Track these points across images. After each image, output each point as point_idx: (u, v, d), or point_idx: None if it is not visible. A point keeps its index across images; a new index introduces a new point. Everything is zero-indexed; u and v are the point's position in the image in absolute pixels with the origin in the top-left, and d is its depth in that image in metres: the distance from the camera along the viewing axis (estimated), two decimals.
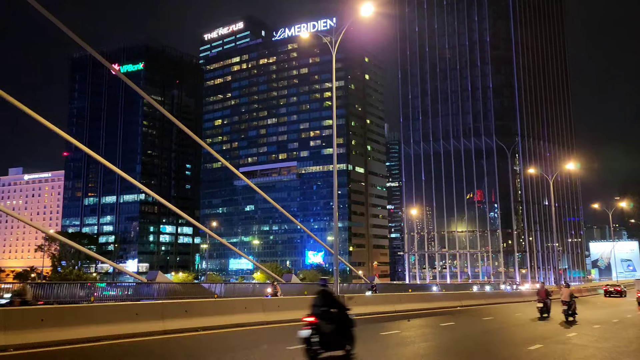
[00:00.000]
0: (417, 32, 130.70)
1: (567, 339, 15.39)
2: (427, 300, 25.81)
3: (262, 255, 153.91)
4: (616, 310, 31.12)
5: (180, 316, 13.18)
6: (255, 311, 15.55)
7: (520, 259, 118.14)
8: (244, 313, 15.06)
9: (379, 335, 14.62)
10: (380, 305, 21.98)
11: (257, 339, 13.12)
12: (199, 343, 11.97)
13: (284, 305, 16.97)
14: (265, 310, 15.91)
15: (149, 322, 12.20)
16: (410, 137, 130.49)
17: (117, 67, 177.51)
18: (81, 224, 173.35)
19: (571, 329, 18.54)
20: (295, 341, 12.28)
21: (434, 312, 23.44)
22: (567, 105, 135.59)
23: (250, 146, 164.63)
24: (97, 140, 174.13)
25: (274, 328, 15.09)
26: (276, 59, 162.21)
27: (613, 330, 18.79)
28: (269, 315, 15.86)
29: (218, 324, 14.01)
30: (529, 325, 19.71)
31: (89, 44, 23.23)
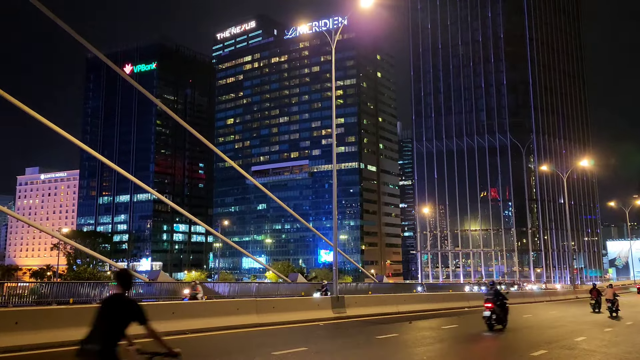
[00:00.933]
0: (430, 28, 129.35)
1: (575, 343, 14.66)
2: (433, 300, 25.15)
3: (275, 254, 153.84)
4: (635, 312, 30.11)
5: (167, 318, 12.75)
6: (248, 313, 15.05)
7: (535, 258, 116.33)
8: (235, 315, 14.56)
9: (374, 339, 14.04)
10: (382, 306, 21.38)
11: (245, 343, 12.62)
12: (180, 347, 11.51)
13: (280, 306, 16.46)
14: (259, 311, 15.40)
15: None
16: (423, 134, 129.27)
17: (130, 66, 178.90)
18: (96, 222, 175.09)
19: (580, 332, 17.75)
20: (283, 346, 11.77)
21: (439, 314, 22.77)
22: (583, 101, 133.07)
23: (262, 145, 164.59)
24: (111, 139, 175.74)
25: (266, 331, 14.59)
26: (288, 58, 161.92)
27: (625, 333, 17.97)
28: (263, 317, 15.35)
29: (208, 327, 13.55)
30: (536, 328, 18.96)
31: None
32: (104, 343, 5.07)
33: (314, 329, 15.69)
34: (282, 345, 11.79)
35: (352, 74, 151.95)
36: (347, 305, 19.11)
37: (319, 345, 12.60)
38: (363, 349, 12.36)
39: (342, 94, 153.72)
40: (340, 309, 18.66)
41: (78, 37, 24.49)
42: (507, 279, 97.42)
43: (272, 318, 15.65)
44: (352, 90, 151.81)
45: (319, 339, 13.72)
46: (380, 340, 13.64)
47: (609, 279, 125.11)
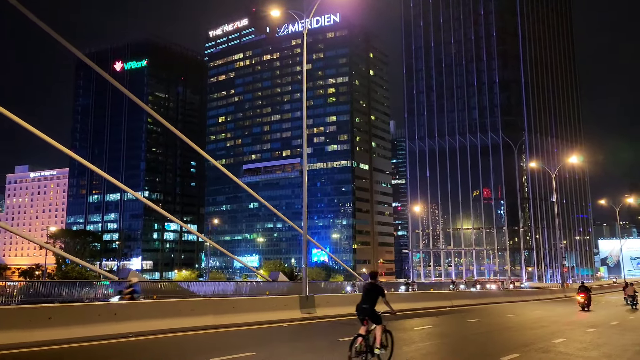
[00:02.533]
0: (422, 26, 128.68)
1: (552, 345, 13.75)
2: (414, 299, 24.19)
3: (267, 253, 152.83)
4: (622, 310, 29.33)
5: (107, 320, 11.74)
6: (204, 314, 14.02)
7: (527, 257, 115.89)
8: (189, 316, 13.54)
9: (336, 341, 13.08)
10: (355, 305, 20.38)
11: (187, 347, 11.57)
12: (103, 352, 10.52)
13: (242, 306, 15.44)
14: (217, 312, 14.37)
15: (65, 328, 10.78)
16: (416, 133, 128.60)
17: (121, 63, 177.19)
18: (85, 221, 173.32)
19: (561, 333, 16.86)
20: (229, 351, 10.78)
21: (418, 313, 21.83)
22: (575, 100, 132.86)
23: (254, 143, 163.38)
24: (101, 136, 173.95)
25: (220, 333, 13.58)
26: (280, 55, 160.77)
27: (608, 334, 17.10)
28: (220, 319, 14.32)
29: (155, 329, 12.53)
30: (515, 329, 18.06)
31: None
32: (370, 304, 10.37)
33: (274, 331, 14.73)
34: (228, 350, 10.83)
35: (344, 71, 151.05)
36: (318, 304, 18.13)
37: (271, 349, 11.65)
38: (317, 353, 11.41)
39: (334, 92, 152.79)
40: (310, 309, 17.68)
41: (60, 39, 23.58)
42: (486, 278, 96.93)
43: (232, 319, 14.64)
44: (344, 88, 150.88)
45: (275, 342, 12.76)
46: (341, 343, 12.66)
47: (600, 278, 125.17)
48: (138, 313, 12.58)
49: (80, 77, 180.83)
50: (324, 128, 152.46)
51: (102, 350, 10.84)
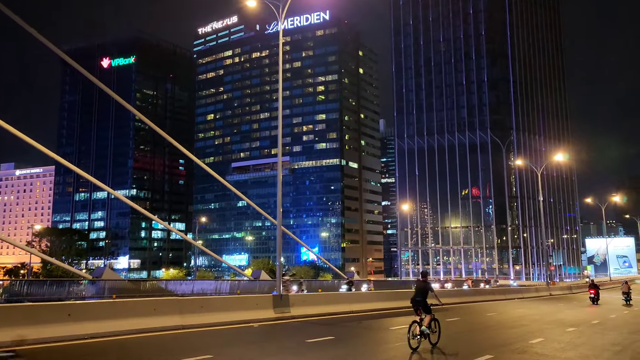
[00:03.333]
0: (412, 24, 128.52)
1: (529, 346, 13.34)
2: (394, 298, 23.72)
3: (255, 252, 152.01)
4: (605, 309, 29.13)
5: (60, 321, 11.12)
6: (169, 314, 13.42)
7: (515, 255, 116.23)
8: (152, 316, 12.94)
9: (305, 342, 12.57)
10: (334, 305, 19.89)
11: (136, 350, 10.97)
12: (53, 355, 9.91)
13: (211, 306, 14.84)
14: (183, 312, 13.77)
15: (11, 329, 10.13)
16: (405, 131, 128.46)
17: (108, 60, 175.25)
18: (72, 219, 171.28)
19: (540, 332, 16.49)
20: (186, 353, 10.21)
21: (397, 312, 21.38)
22: (563, 99, 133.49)
23: (242, 141, 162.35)
24: (88, 133, 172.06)
25: (184, 334, 12.98)
26: (269, 53, 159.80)
27: (588, 334, 16.74)
28: (187, 319, 13.73)
29: (113, 330, 11.91)
30: (495, 329, 17.66)
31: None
32: (422, 297, 12.79)
33: (243, 332, 14.17)
34: (186, 352, 10.28)
35: (333, 69, 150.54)
36: (293, 304, 17.60)
37: (232, 351, 11.10)
38: (281, 355, 10.87)
39: (323, 90, 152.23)
40: (284, 308, 17.14)
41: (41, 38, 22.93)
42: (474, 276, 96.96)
43: (199, 319, 14.05)
44: (333, 86, 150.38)
45: (239, 344, 12.20)
46: (309, 345, 12.17)
47: (587, 276, 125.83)
48: (95, 313, 11.97)
49: (67, 73, 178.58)
50: (313, 126, 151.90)
51: (53, 352, 10.23)
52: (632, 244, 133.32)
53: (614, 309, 29.13)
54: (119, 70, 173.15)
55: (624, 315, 24.81)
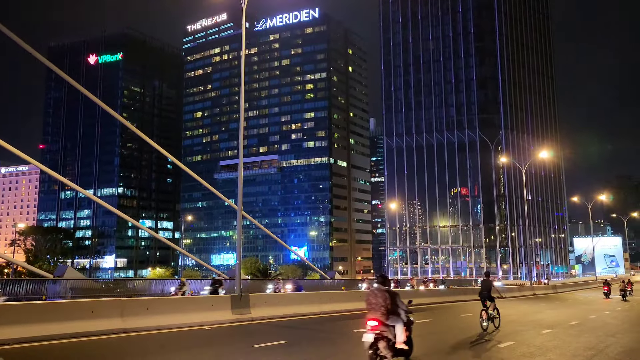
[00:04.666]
0: (401, 22, 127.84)
1: (497, 350, 12.50)
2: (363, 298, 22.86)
3: (244, 251, 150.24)
4: (586, 309, 28.48)
5: None
6: (109, 316, 12.42)
7: (503, 255, 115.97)
8: (89, 319, 11.92)
9: (252, 347, 11.63)
10: (302, 305, 18.95)
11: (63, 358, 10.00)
12: None
13: (158, 307, 13.81)
14: (125, 314, 12.78)
15: None
16: (393, 130, 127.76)
17: (95, 57, 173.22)
18: (57, 218, 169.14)
19: (514, 335, 15.68)
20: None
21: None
22: (552, 98, 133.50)
23: (231, 139, 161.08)
24: (74, 131, 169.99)
25: (123, 339, 12.00)
26: (257, 50, 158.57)
27: (562, 336, 15.97)
28: (130, 322, 12.72)
29: (41, 335, 10.91)
30: (465, 331, 16.82)
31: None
32: (487, 291, 16.77)
33: (190, 335, 13.20)
34: None
35: (322, 67, 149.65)
36: (254, 305, 16.65)
37: (158, 359, 10.12)
38: None
39: (312, 88, 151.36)
40: (243, 309, 16.19)
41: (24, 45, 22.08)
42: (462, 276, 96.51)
43: (144, 322, 13.06)
44: (322, 84, 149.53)
45: (179, 350, 11.25)
46: (255, 351, 11.24)
47: (575, 275, 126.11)
48: (22, 316, 10.96)
49: (53, 70, 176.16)
50: (301, 124, 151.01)
51: None
52: (619, 244, 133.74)
53: (596, 309, 28.50)
54: (106, 67, 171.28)
55: (604, 316, 24.14)
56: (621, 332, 17.39)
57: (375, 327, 9.77)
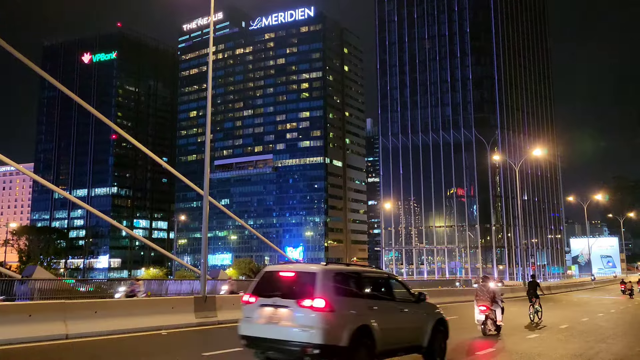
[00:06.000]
0: (396, 21, 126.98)
1: (474, 358, 11.44)
2: None
3: (238, 251, 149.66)
4: (579, 311, 27.47)
5: None
6: (49, 321, 11.16)
7: (499, 255, 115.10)
8: (26, 324, 10.74)
9: (201, 355, 10.57)
10: None
11: None
12: None
13: (109, 311, 12.62)
14: (69, 319, 11.60)
15: None
16: (389, 129, 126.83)
17: (89, 55, 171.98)
18: (51, 217, 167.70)
19: (503, 340, 14.66)
20: None
21: None
22: (548, 98, 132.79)
23: (225, 138, 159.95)
24: (68, 130, 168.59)
25: (65, 346, 10.93)
26: (253, 49, 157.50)
27: (550, 342, 14.94)
28: (75, 327, 11.50)
29: None
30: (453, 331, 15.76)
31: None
32: (534, 290, 21.70)
33: (141, 342, 12.12)
34: None
35: (318, 66, 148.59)
36: (220, 307, 15.58)
37: None
38: None
39: (307, 87, 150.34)
40: (209, 312, 15.12)
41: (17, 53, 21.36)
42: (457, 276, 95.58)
43: (92, 327, 11.97)
44: (317, 84, 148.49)
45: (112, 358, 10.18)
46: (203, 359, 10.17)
47: (571, 276, 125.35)
48: None
49: (47, 68, 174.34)
50: (296, 124, 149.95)
51: None
52: (615, 244, 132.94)
53: (589, 311, 27.52)
54: (100, 66, 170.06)
55: (596, 319, 23.13)
56: (613, 337, 16.38)
57: (484, 310, 15.69)
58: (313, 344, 7.90)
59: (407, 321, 9.86)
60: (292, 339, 8.06)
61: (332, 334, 8.00)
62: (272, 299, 8.44)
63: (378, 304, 9.28)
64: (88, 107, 28.83)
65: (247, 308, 8.72)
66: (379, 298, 9.58)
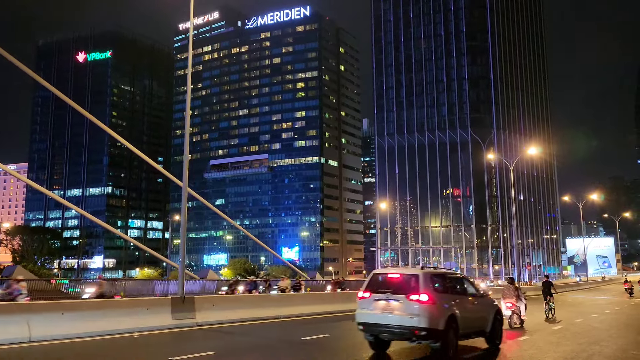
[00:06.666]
0: (392, 21, 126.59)
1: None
2: (327, 301, 21.25)
3: (233, 251, 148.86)
4: (573, 312, 26.96)
5: None
6: (11, 323, 10.64)
7: (495, 255, 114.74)
8: None
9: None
10: (257, 309, 17.29)
11: None
12: None
13: (77, 312, 11.88)
14: (32, 321, 10.80)
15: None
16: (385, 129, 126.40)
17: (84, 54, 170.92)
18: (45, 217, 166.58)
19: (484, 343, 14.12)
20: None
21: (337, 317, 18.88)
22: (545, 98, 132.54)
23: (221, 138, 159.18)
24: (62, 130, 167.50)
25: (24, 350, 10.29)
26: (248, 48, 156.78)
27: (540, 344, 14.38)
28: (39, 329, 10.83)
29: None
30: None
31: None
32: (548, 289, 23.12)
33: (104, 346, 11.38)
34: None
35: (313, 66, 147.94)
36: (199, 308, 14.96)
37: None
38: None
39: (303, 87, 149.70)
40: (187, 313, 14.50)
41: None
42: None
43: (58, 330, 11.32)
44: (313, 83, 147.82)
45: None
46: None
47: (567, 276, 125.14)
48: None
49: (41, 67, 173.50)
50: (292, 123, 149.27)
51: None
52: (611, 244, 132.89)
53: (583, 312, 27.02)
54: (95, 64, 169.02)
55: (590, 320, 22.62)
56: (607, 339, 15.84)
57: (511, 307, 17.83)
58: (421, 327, 10.50)
59: (477, 311, 12.52)
60: (404, 324, 10.61)
61: (434, 320, 10.60)
62: (385, 295, 11.05)
63: (458, 298, 11.98)
64: (82, 111, 28.27)
65: (362, 302, 11.35)
66: (458, 294, 12.23)
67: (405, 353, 11.75)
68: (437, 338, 10.59)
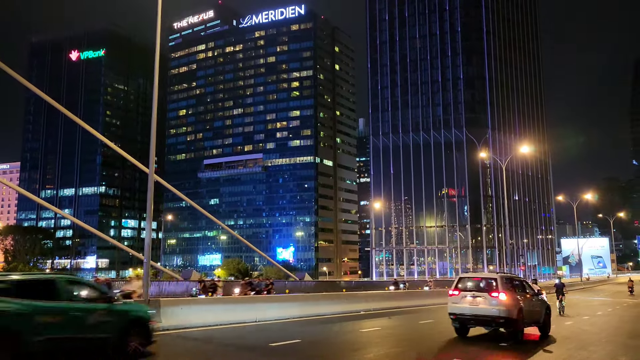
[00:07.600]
0: (387, 20, 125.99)
1: None
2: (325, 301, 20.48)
3: (228, 251, 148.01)
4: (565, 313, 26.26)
5: None
6: None
7: (490, 256, 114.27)
8: None
9: None
10: (230, 312, 16.49)
11: None
12: None
13: None
14: None
15: None
16: (380, 129, 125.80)
17: (77, 53, 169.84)
18: (37, 217, 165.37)
19: (462, 349, 13.42)
20: None
21: (327, 319, 18.13)
22: (539, 98, 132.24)
23: (215, 137, 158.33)
24: (55, 129, 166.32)
25: None
26: (243, 47, 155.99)
27: (522, 349, 13.65)
28: None
29: None
30: (415, 341, 14.53)
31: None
32: (561, 289, 27.04)
33: None
34: None
35: (308, 65, 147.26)
36: (166, 312, 14.20)
37: None
38: None
39: (298, 86, 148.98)
40: None
41: None
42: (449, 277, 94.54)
43: None
44: (308, 82, 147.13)
45: None
46: None
47: (562, 276, 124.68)
48: None
49: (33, 66, 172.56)
50: (287, 123, 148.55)
51: None
52: (606, 245, 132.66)
53: (575, 314, 26.35)
54: (88, 63, 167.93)
55: (580, 323, 21.94)
56: (596, 343, 15.15)
57: None
58: (500, 316, 14.00)
59: (534, 306, 15.75)
60: (487, 314, 14.12)
61: (510, 311, 14.00)
62: (472, 292, 14.58)
63: (523, 295, 15.24)
64: (73, 117, 27.62)
65: (453, 298, 14.82)
66: (522, 292, 15.42)
67: (484, 337, 15.05)
68: (511, 325, 14.05)
